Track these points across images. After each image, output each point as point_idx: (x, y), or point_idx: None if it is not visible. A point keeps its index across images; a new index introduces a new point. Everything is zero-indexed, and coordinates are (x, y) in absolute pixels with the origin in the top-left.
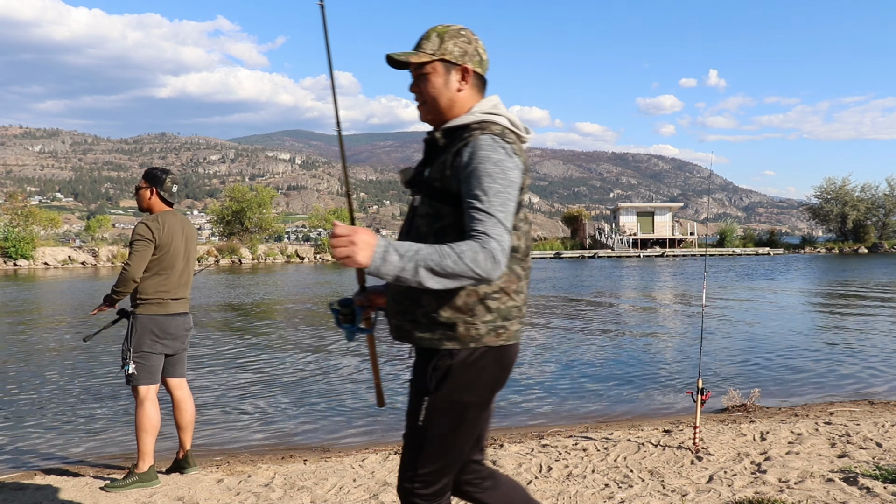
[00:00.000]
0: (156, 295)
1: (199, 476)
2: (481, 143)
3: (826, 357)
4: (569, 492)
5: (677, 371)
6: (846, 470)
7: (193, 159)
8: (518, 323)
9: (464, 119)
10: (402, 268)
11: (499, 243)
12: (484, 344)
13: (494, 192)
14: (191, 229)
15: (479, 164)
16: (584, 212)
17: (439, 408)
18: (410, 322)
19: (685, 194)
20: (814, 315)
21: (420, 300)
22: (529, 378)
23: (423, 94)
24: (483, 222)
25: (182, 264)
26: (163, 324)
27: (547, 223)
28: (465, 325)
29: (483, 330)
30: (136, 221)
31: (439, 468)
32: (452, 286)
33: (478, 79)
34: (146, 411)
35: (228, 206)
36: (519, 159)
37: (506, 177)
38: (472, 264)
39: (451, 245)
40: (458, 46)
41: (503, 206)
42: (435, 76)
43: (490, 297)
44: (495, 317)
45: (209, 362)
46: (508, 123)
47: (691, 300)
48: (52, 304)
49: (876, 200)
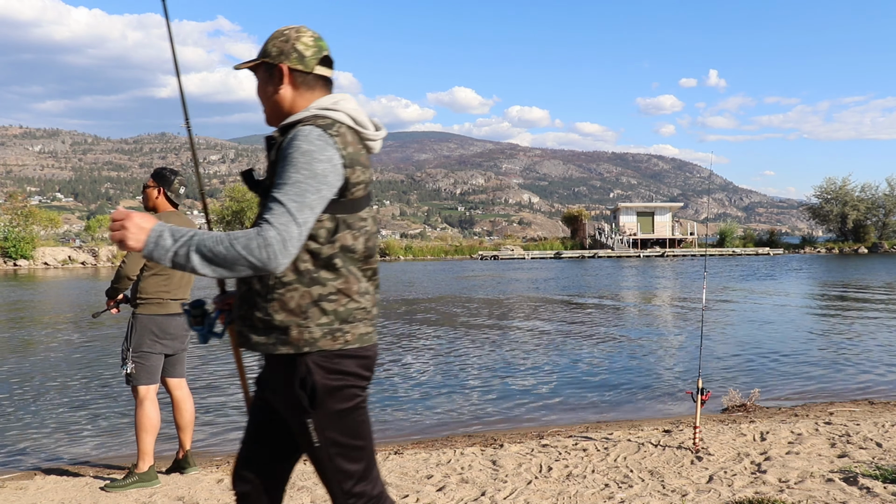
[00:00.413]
0: (156, 295)
1: (199, 476)
2: (297, 134)
3: (826, 357)
4: (569, 492)
5: (677, 371)
6: (846, 470)
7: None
8: (365, 325)
9: (298, 116)
10: (176, 252)
11: (279, 233)
12: (319, 348)
13: (293, 181)
14: (191, 227)
15: (289, 154)
16: (584, 212)
17: (327, 423)
18: (249, 327)
19: (685, 194)
20: (814, 315)
21: (256, 304)
22: (530, 378)
23: (258, 96)
24: (271, 210)
25: None
26: (163, 324)
27: (547, 223)
28: (297, 328)
29: (317, 333)
30: None
31: (363, 469)
32: (229, 275)
33: (305, 76)
34: (146, 411)
35: (228, 206)
36: (338, 153)
37: (310, 168)
38: (244, 251)
39: (230, 232)
40: (276, 47)
41: (298, 197)
42: (262, 78)
43: (326, 298)
44: (332, 319)
45: (209, 362)
46: (347, 119)
47: (691, 300)
48: (52, 303)
49: (876, 200)
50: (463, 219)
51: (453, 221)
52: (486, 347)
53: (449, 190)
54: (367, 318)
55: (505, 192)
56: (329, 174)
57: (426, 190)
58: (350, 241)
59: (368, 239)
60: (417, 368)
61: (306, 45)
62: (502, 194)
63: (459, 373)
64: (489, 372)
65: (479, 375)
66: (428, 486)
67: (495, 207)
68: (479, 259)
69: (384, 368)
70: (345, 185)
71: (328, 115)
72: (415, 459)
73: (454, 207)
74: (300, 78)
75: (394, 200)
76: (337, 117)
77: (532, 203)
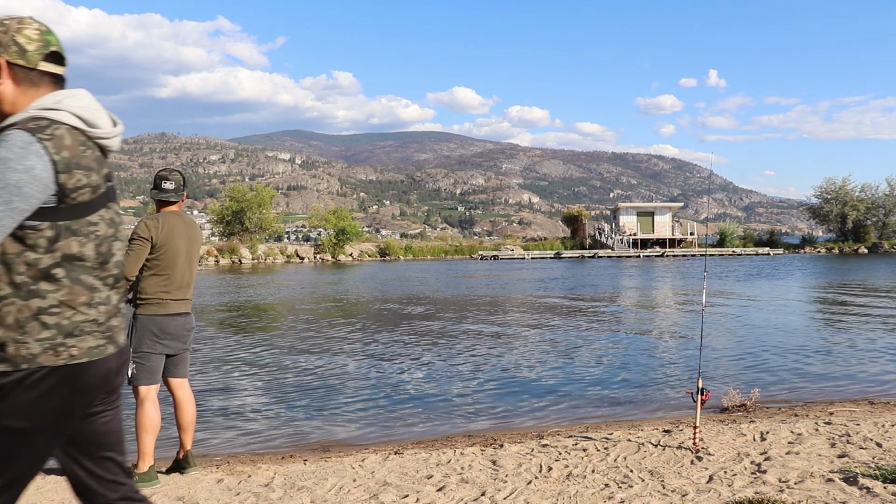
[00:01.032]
0: (156, 295)
1: (199, 476)
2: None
3: (826, 357)
4: (569, 492)
5: (677, 371)
6: (846, 470)
7: (193, 159)
8: (96, 338)
9: (15, 117)
10: None
11: None
12: (39, 364)
13: None
14: (195, 231)
15: None
16: (584, 212)
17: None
18: None
19: (685, 194)
20: (814, 315)
21: None
22: (530, 378)
23: None
24: None
25: (183, 265)
26: (162, 324)
27: (547, 223)
28: (14, 344)
29: (37, 349)
30: (138, 221)
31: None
32: None
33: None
34: (146, 411)
35: (228, 206)
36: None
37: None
38: None
39: None
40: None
41: None
42: None
43: (47, 311)
44: (54, 333)
45: (210, 362)
46: (71, 118)
47: (691, 300)
48: None
49: (876, 200)
50: (463, 219)
51: (453, 221)
52: (486, 347)
53: (449, 190)
54: (98, 331)
55: (505, 192)
56: (25, 185)
57: (426, 190)
58: (76, 248)
59: (101, 244)
60: (417, 368)
61: (29, 37)
62: (502, 194)
63: (459, 372)
64: (489, 371)
65: (479, 375)
66: (428, 486)
67: (495, 207)
68: (479, 259)
69: (384, 368)
70: (61, 191)
71: (46, 116)
72: (415, 459)
73: (454, 207)
74: (22, 74)
75: (394, 200)
76: (57, 117)
77: (532, 203)
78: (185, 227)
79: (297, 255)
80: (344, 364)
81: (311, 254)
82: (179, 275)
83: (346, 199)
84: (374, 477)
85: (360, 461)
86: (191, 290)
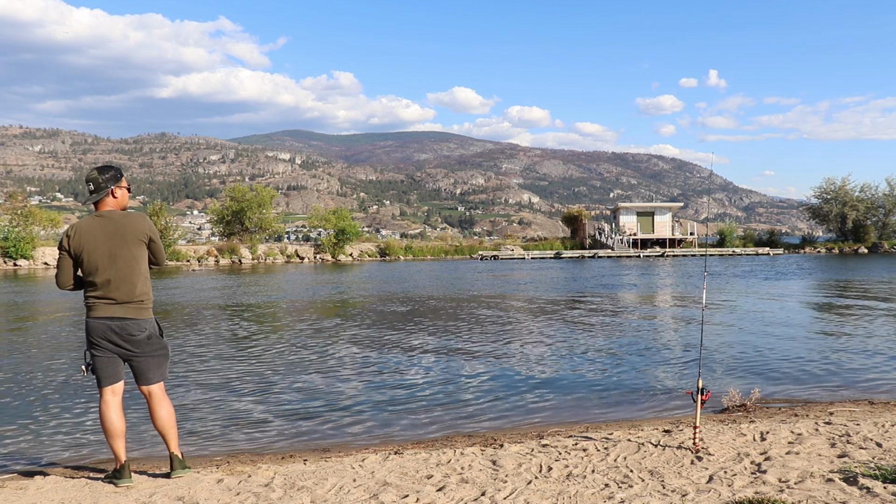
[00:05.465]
0: (87, 300)
1: (199, 476)
2: None
3: (826, 357)
4: (569, 492)
5: (677, 371)
6: (846, 470)
7: (193, 159)
8: None
9: None
10: None
11: None
12: None
13: None
14: (122, 226)
15: None
16: (584, 212)
17: None
18: None
19: (685, 194)
20: (814, 315)
21: None
22: (530, 378)
23: None
24: None
25: (105, 266)
26: (91, 327)
27: (547, 223)
28: None
29: None
30: None
31: None
32: None
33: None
34: (101, 413)
35: (228, 206)
36: None
37: None
38: None
39: None
40: None
41: None
42: None
43: None
44: None
45: (209, 362)
46: None
47: (691, 300)
48: (52, 303)
49: (876, 200)
50: (463, 219)
51: (453, 221)
52: (486, 347)
53: (449, 190)
54: None
55: (505, 192)
56: None
57: (426, 190)
58: None
59: None
60: (417, 368)
61: None
62: (502, 194)
63: (459, 372)
64: (489, 371)
65: (479, 375)
66: (428, 486)
67: (495, 207)
68: (479, 259)
69: (384, 368)
70: None
71: None
72: (415, 459)
73: (454, 207)
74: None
75: (394, 200)
76: None
77: (532, 203)
78: (105, 226)
79: (297, 255)
80: (344, 364)
81: (311, 254)
82: (103, 277)
83: (346, 199)
84: (374, 477)
85: (360, 461)
86: (127, 292)
